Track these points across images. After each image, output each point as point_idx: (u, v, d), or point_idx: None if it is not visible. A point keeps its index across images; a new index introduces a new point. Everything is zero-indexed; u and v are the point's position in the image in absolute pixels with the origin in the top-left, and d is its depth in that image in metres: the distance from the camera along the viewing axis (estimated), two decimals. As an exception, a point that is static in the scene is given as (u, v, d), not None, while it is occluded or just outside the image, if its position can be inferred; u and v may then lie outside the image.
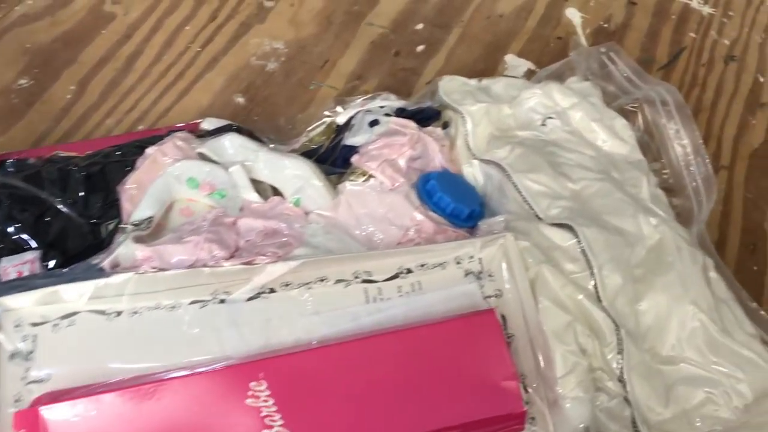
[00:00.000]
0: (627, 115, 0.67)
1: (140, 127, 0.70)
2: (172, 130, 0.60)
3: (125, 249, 0.47)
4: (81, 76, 0.73)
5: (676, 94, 0.66)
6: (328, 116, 0.65)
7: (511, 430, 0.45)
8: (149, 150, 0.56)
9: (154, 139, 0.59)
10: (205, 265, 0.47)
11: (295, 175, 0.54)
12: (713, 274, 0.54)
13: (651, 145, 0.66)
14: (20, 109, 0.70)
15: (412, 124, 0.58)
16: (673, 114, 0.65)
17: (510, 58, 0.78)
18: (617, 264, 0.50)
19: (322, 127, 0.64)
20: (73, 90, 0.72)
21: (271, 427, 0.42)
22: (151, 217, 0.50)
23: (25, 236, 0.54)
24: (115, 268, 0.47)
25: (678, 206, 0.63)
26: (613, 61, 0.72)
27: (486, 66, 0.78)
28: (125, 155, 0.58)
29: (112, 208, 0.55)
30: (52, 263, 0.52)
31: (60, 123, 0.70)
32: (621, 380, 0.48)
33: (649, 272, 0.52)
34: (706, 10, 0.85)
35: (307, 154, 0.61)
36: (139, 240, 0.48)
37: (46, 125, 0.70)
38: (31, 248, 0.53)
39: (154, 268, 0.46)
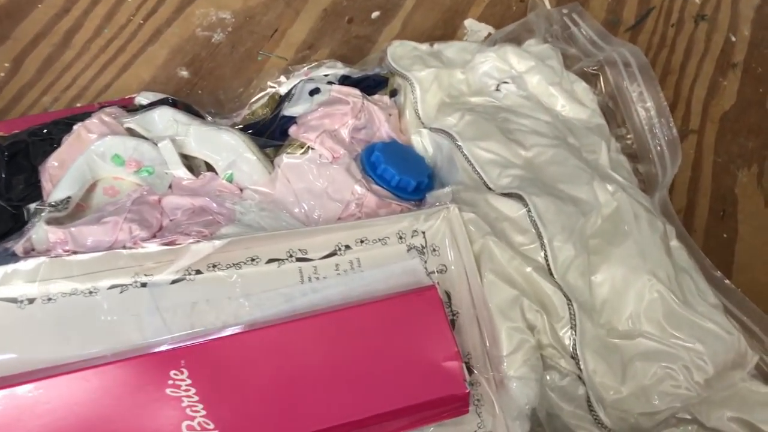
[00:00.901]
0: (589, 78, 0.64)
1: (78, 105, 0.66)
2: (104, 106, 0.57)
3: (38, 231, 0.44)
4: (15, 52, 0.69)
5: (639, 54, 0.63)
6: (272, 87, 0.61)
7: (455, 413, 0.42)
8: (75, 126, 0.52)
9: (85, 115, 0.55)
10: (124, 247, 0.44)
11: (227, 149, 0.51)
12: (675, 243, 0.51)
13: (614, 110, 0.63)
14: (-50, 89, 0.67)
15: (355, 92, 0.55)
16: (636, 76, 0.62)
17: (469, 23, 0.74)
18: (570, 234, 0.47)
19: (265, 99, 0.61)
20: (6, 67, 0.68)
21: (192, 417, 0.39)
22: (69, 198, 0.47)
23: (-59, 221, 0.50)
24: (29, 252, 0.44)
25: (643, 173, 0.60)
26: (575, 23, 0.69)
27: (444, 32, 0.74)
28: (51, 133, 0.54)
29: (35, 189, 0.51)
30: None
31: (-7, 102, 0.66)
32: (574, 357, 0.45)
33: (605, 242, 0.49)
34: (676, -32, 0.81)
35: (249, 127, 0.58)
36: (53, 222, 0.44)
37: (-22, 105, 0.66)
38: (-52, 234, 0.50)
39: (67, 251, 0.43)
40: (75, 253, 0.43)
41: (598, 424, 0.44)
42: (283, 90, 0.60)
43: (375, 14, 0.75)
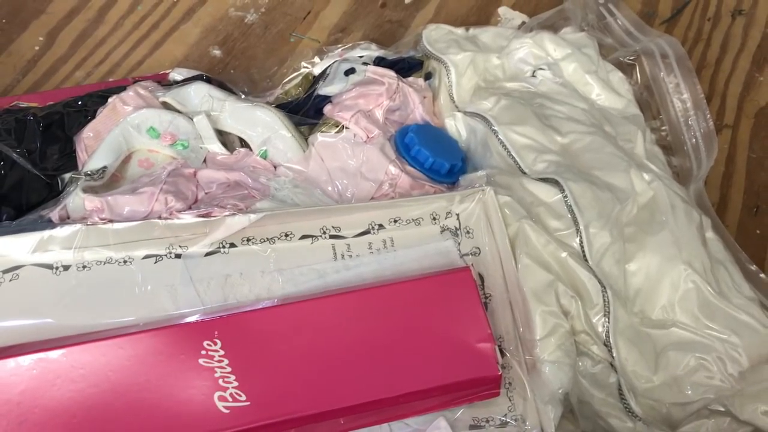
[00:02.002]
0: (624, 68, 0.63)
1: (111, 80, 0.66)
2: (138, 81, 0.57)
3: (74, 199, 0.44)
4: (50, 27, 0.70)
5: (676, 46, 0.62)
6: (306, 67, 0.61)
7: (486, 395, 0.42)
8: (110, 99, 0.52)
9: (119, 89, 0.55)
10: (159, 218, 0.44)
11: (262, 125, 0.51)
12: (710, 234, 0.50)
13: (650, 101, 0.63)
14: (-15, 61, 0.67)
15: (391, 73, 0.54)
16: (673, 67, 0.61)
17: (504, 11, 0.73)
18: (606, 221, 0.47)
19: (298, 79, 0.61)
20: (41, 41, 0.69)
21: (225, 388, 0.39)
22: (105, 167, 0.47)
23: (-23, 188, 0.50)
24: (65, 220, 0.44)
25: (676, 166, 0.60)
26: (611, 13, 0.68)
27: (478, 19, 0.73)
28: (86, 105, 0.54)
29: (70, 159, 0.51)
30: (4, 217, 0.49)
31: (26, 75, 0.66)
32: (606, 344, 0.44)
33: (641, 231, 0.49)
34: (714, -38, 0.80)
35: (282, 106, 0.58)
36: (89, 190, 0.45)
37: (12, 77, 0.66)
38: (-17, 201, 0.50)
39: (103, 219, 0.43)
40: (111, 221, 0.43)
41: (629, 412, 0.44)
42: (317, 70, 0.60)
43: (408, -1, 0.75)
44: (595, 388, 0.44)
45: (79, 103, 0.55)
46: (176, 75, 0.59)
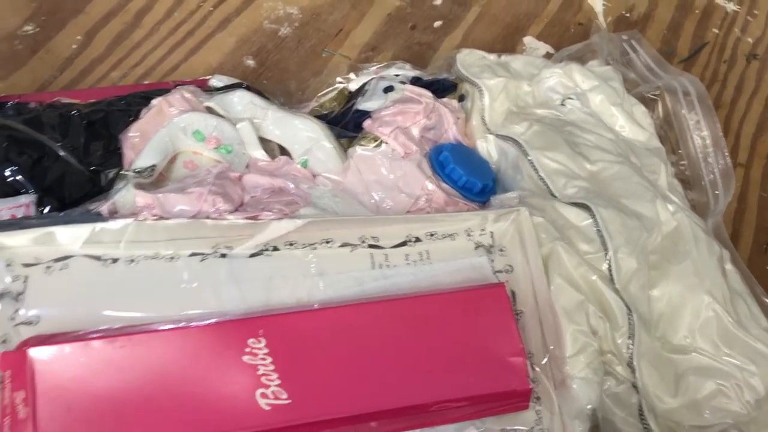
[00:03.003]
0: (647, 103, 0.65)
1: (145, 82, 0.68)
2: (179, 84, 0.58)
3: (125, 195, 0.45)
4: (88, 27, 0.71)
5: (698, 85, 0.65)
6: (341, 82, 0.63)
7: (515, 407, 0.43)
8: (155, 100, 0.54)
9: (161, 91, 0.57)
10: (207, 217, 0.45)
11: (304, 135, 0.52)
12: (729, 267, 0.52)
13: (669, 135, 0.65)
14: (23, 56, 0.68)
15: (427, 93, 0.56)
16: (694, 104, 0.64)
17: (529, 40, 0.76)
18: (633, 248, 0.49)
19: (334, 93, 0.63)
20: (79, 40, 0.70)
21: (267, 386, 0.40)
22: (153, 166, 0.48)
23: (21, 179, 0.51)
24: (113, 214, 0.45)
25: (693, 200, 0.62)
26: (634, 49, 0.70)
27: (504, 47, 0.76)
28: (129, 105, 0.56)
29: (113, 156, 0.52)
30: (47, 209, 0.50)
31: (63, 73, 0.68)
32: (630, 365, 0.46)
33: (664, 259, 0.51)
34: (731, 7, 0.83)
35: (319, 118, 0.59)
36: (140, 186, 0.46)
37: (49, 74, 0.67)
38: (26, 192, 0.51)
39: (154, 216, 0.44)
40: (161, 218, 0.44)
41: (648, 433, 0.46)
42: (352, 86, 0.62)
43: (437, 23, 0.77)
44: (618, 407, 0.46)
45: (123, 102, 0.57)
46: (216, 82, 0.60)
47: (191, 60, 0.71)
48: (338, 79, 0.63)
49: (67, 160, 0.52)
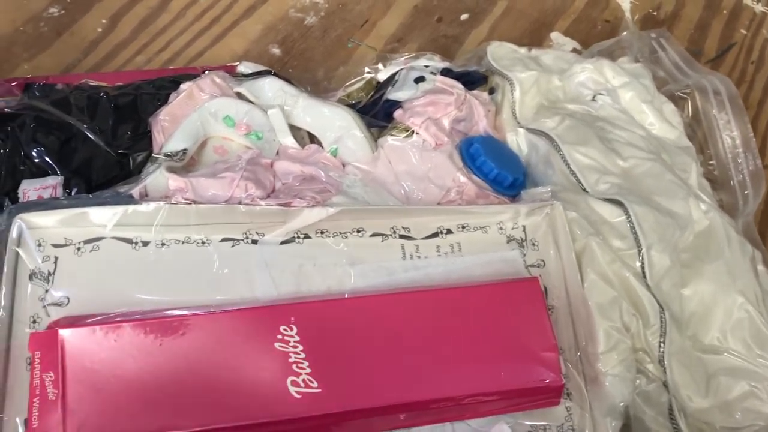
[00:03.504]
0: (676, 101, 0.65)
1: (170, 68, 0.67)
2: (207, 70, 0.58)
3: (157, 178, 0.45)
4: (113, 11, 0.71)
5: (729, 84, 0.64)
6: (369, 72, 0.62)
7: (546, 403, 0.43)
8: (185, 85, 0.53)
9: (189, 76, 0.56)
10: (240, 203, 0.44)
11: (335, 123, 0.52)
12: (761, 268, 0.52)
13: (698, 134, 0.64)
14: (48, 38, 0.68)
15: (459, 84, 0.56)
16: (724, 104, 0.63)
17: (556, 36, 0.75)
18: (666, 245, 0.48)
19: (361, 83, 0.62)
20: (104, 24, 0.70)
21: (298, 374, 0.40)
22: (185, 149, 0.48)
23: (48, 160, 0.51)
24: (144, 197, 0.45)
25: (721, 200, 0.61)
26: (663, 48, 0.70)
27: (531, 42, 0.75)
28: (158, 89, 0.55)
29: (141, 140, 0.52)
30: (74, 191, 0.50)
31: (88, 56, 0.67)
32: (661, 364, 0.45)
33: (696, 258, 0.50)
34: (759, 8, 0.83)
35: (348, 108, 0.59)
36: (171, 170, 0.45)
37: (74, 57, 0.67)
38: (54, 174, 0.50)
39: (186, 199, 0.44)
40: (193, 202, 0.43)
41: (678, 433, 0.45)
42: (381, 76, 0.61)
43: (464, 16, 0.76)
44: (648, 405, 0.45)
45: (151, 86, 0.56)
46: (244, 68, 0.60)
47: (217, 46, 0.70)
48: (366, 69, 0.63)
49: (95, 142, 0.52)
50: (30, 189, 0.49)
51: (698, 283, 0.49)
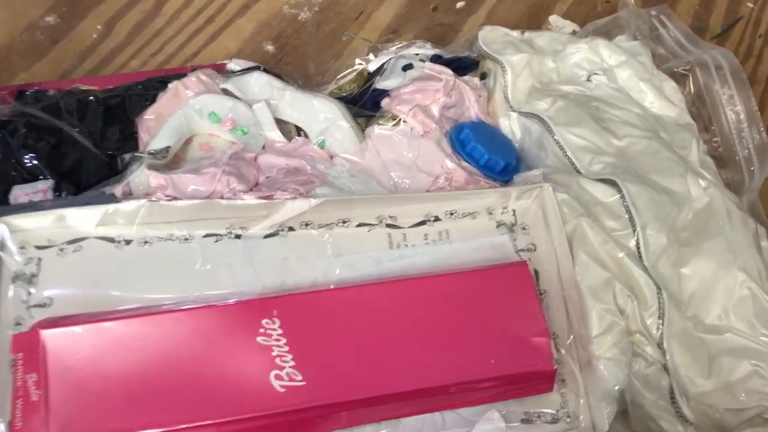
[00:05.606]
0: (677, 78, 0.63)
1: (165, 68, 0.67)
2: (196, 69, 0.57)
3: (138, 176, 0.44)
4: (108, 16, 0.71)
5: (731, 58, 0.62)
6: (360, 64, 0.62)
7: (538, 389, 0.42)
8: (171, 83, 0.53)
9: (179, 76, 0.56)
10: (222, 198, 0.44)
11: (321, 115, 0.51)
12: (765, 244, 0.50)
13: (701, 112, 0.62)
14: (45, 46, 0.68)
15: (448, 70, 0.55)
16: (727, 78, 0.61)
17: (554, 19, 0.74)
18: (662, 224, 0.47)
19: (353, 75, 0.61)
20: (99, 30, 0.70)
21: (281, 367, 0.39)
22: (168, 147, 0.48)
23: (39, 165, 0.51)
24: (128, 196, 0.45)
25: (727, 177, 0.59)
26: (663, 25, 0.68)
27: (529, 26, 0.73)
28: (146, 89, 0.55)
29: (130, 140, 0.52)
30: (64, 195, 0.50)
31: (84, 62, 0.68)
32: (660, 346, 0.44)
33: (696, 236, 0.48)
34: (766, -21, 0.80)
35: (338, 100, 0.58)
36: (153, 167, 0.45)
37: (70, 63, 0.67)
38: (45, 178, 0.51)
39: (167, 196, 0.43)
40: (175, 199, 0.43)
41: (680, 416, 0.44)
42: (371, 67, 0.60)
43: (460, 4, 0.75)
44: (647, 389, 0.44)
45: (140, 87, 0.56)
46: (234, 65, 0.59)
47: (211, 46, 0.70)
48: (357, 60, 0.62)
49: (85, 145, 0.52)
50: (21, 194, 0.49)
51: (698, 262, 0.47)
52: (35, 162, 0.51)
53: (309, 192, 0.45)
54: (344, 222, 0.45)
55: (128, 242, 0.43)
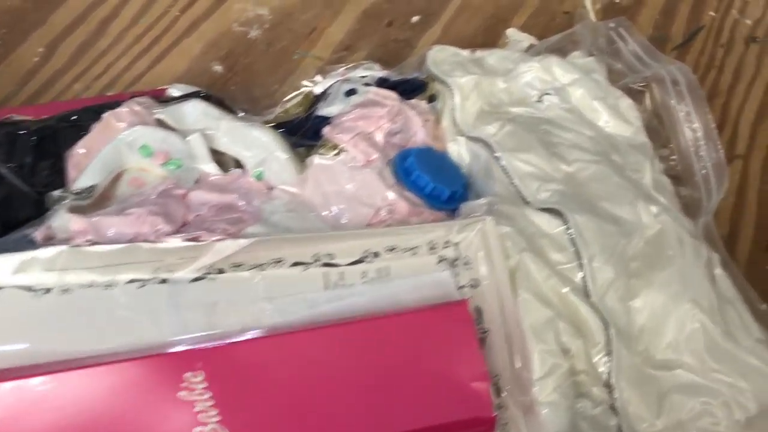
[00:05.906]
0: (634, 95, 0.61)
1: (109, 93, 0.65)
2: (135, 96, 0.55)
3: (59, 219, 0.42)
4: (50, 38, 0.69)
5: (688, 73, 0.60)
6: (307, 86, 0.60)
7: (479, 437, 0.40)
8: (104, 114, 0.51)
9: (117, 104, 0.54)
10: (146, 240, 0.42)
11: (258, 146, 0.49)
12: (719, 271, 0.49)
13: (659, 129, 0.61)
14: (-17, 71, 0.66)
15: (393, 95, 0.53)
16: (684, 95, 0.59)
17: (512, 32, 0.72)
18: (610, 255, 0.45)
19: (299, 98, 0.59)
20: (41, 52, 0.68)
21: (205, 424, 0.37)
22: (93, 186, 0.46)
23: (-37, 204, 0.49)
24: (50, 240, 0.43)
25: (686, 196, 0.58)
26: (622, 38, 0.66)
27: (485, 40, 0.72)
28: (81, 119, 0.53)
29: (60, 176, 0.50)
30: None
31: (25, 86, 0.65)
32: (608, 386, 0.42)
33: (647, 266, 0.47)
34: (728, -13, 0.79)
35: (281, 126, 0.56)
36: (75, 210, 0.43)
37: (10, 88, 0.65)
38: (-31, 218, 0.49)
39: (88, 241, 0.41)
40: (96, 243, 0.41)
41: (630, 457, 0.42)
42: (318, 90, 0.58)
43: (415, 18, 0.73)
44: (595, 431, 0.42)
45: (73, 118, 0.54)
46: (174, 91, 0.57)
47: (157, 68, 0.68)
48: (304, 82, 0.61)
49: (12, 181, 0.50)
50: (-56, 236, 0.47)
51: (648, 294, 0.46)
52: (-41, 201, 0.49)
53: (240, 231, 0.43)
54: (278, 262, 0.43)
55: (47, 291, 0.41)
